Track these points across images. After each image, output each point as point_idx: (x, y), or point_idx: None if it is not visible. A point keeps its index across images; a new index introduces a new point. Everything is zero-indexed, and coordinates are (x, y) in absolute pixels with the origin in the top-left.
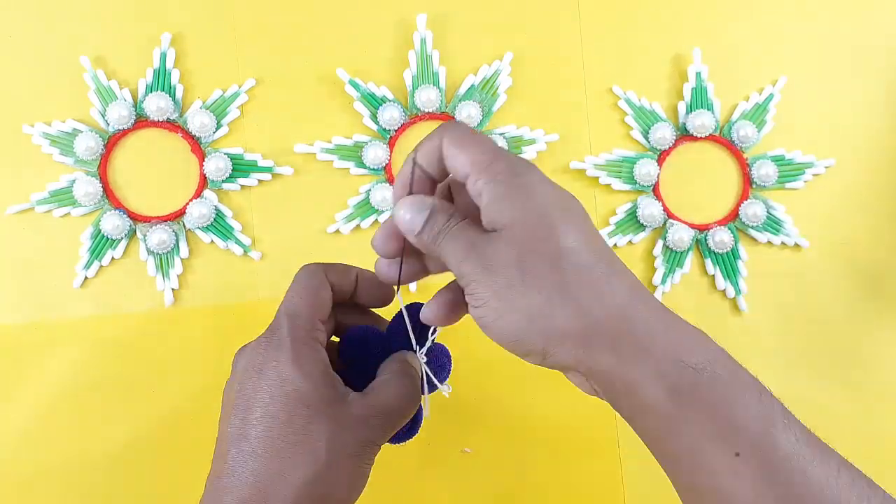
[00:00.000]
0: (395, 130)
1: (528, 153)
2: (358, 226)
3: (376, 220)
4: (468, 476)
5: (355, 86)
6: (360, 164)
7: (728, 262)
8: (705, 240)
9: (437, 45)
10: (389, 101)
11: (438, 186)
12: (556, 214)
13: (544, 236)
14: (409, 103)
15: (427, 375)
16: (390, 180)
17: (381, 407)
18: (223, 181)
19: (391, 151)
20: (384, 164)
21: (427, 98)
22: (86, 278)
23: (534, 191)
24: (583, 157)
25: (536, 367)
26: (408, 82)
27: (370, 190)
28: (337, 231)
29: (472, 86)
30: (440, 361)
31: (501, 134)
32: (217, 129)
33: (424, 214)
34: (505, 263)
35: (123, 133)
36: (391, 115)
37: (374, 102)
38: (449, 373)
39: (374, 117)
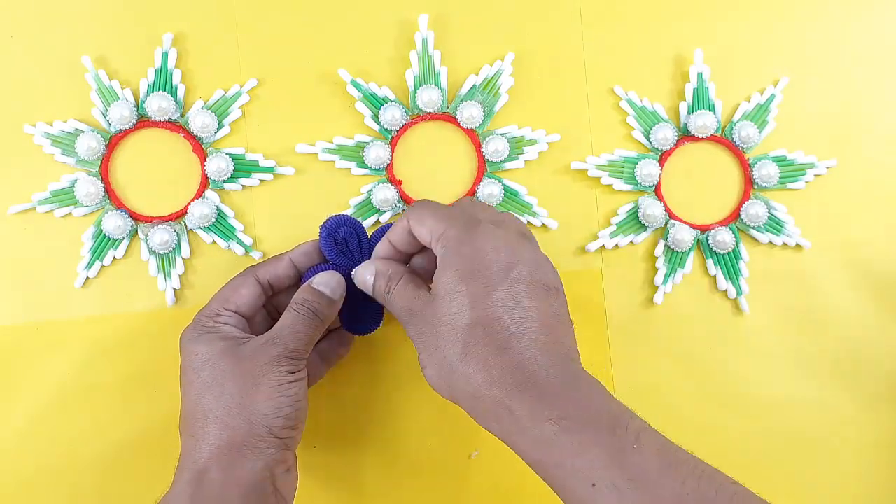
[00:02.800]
0: (397, 131)
1: (530, 154)
2: None
3: (377, 220)
4: (475, 480)
5: (357, 86)
6: (362, 164)
7: (729, 263)
8: (707, 240)
9: (439, 46)
10: (391, 101)
11: (415, 258)
12: (478, 282)
13: (459, 307)
14: (410, 104)
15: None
16: (392, 180)
17: (270, 334)
18: (225, 181)
19: (393, 151)
20: (386, 165)
21: (429, 98)
22: (87, 278)
23: (470, 256)
24: (584, 158)
25: None
26: (409, 83)
27: (371, 190)
28: None
29: (474, 86)
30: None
31: (503, 134)
32: (219, 129)
33: (371, 276)
34: (430, 330)
35: (125, 133)
36: (393, 116)
37: (375, 103)
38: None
39: (376, 117)
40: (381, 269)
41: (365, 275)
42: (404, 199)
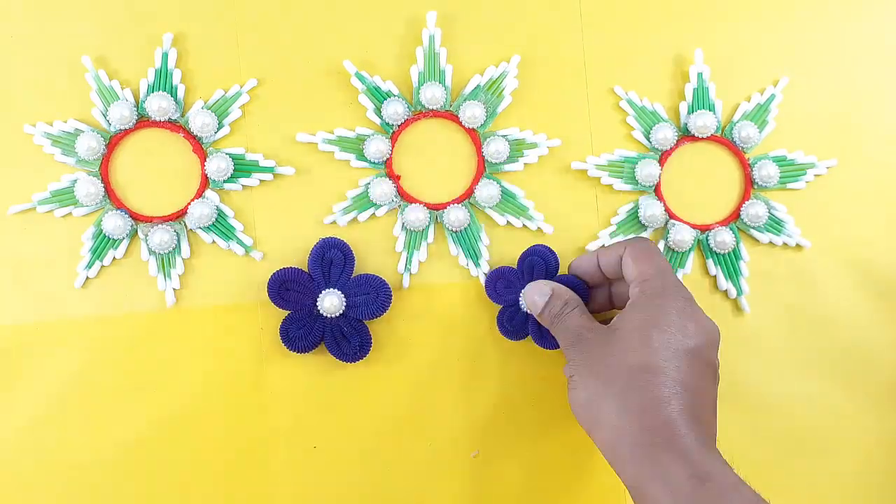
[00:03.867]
0: (399, 125)
1: (530, 157)
2: (355, 218)
3: (373, 213)
4: (475, 480)
5: (361, 78)
6: (361, 157)
7: (730, 263)
8: (707, 240)
9: (445, 44)
10: (394, 96)
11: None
12: (662, 334)
13: (637, 346)
14: (413, 99)
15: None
16: (391, 175)
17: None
18: (225, 181)
19: (393, 146)
20: (385, 159)
21: (432, 95)
22: (87, 278)
23: (661, 309)
24: (584, 158)
25: (542, 373)
26: (414, 78)
27: (369, 183)
28: (333, 223)
29: (478, 86)
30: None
31: (504, 136)
32: (219, 129)
33: (545, 298)
34: (598, 359)
35: (125, 133)
36: (395, 110)
37: (378, 96)
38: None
39: (378, 112)
40: (557, 291)
41: (534, 296)
42: (402, 194)
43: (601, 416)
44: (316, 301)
